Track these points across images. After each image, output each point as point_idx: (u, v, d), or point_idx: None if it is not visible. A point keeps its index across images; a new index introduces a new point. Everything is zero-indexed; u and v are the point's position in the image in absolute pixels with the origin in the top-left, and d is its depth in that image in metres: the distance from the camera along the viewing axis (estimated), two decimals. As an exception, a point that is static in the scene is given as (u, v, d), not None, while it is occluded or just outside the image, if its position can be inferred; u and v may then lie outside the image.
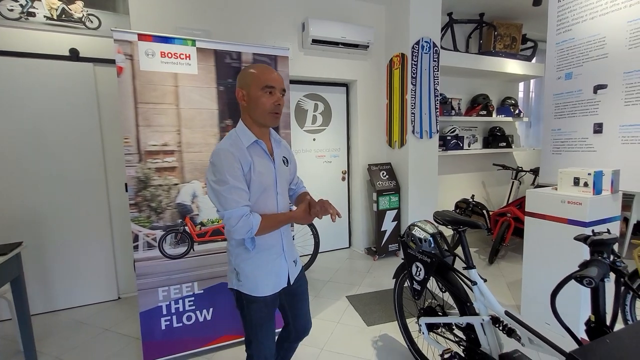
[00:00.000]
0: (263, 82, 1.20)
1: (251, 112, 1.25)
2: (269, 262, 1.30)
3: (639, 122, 2.15)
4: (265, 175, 1.26)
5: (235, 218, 1.14)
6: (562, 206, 2.14)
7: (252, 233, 1.17)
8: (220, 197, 1.17)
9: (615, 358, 0.90)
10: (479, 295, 1.51)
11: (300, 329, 1.51)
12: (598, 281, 0.97)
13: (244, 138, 1.24)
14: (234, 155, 1.18)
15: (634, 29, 2.14)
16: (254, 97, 1.21)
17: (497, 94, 4.99)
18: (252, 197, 1.23)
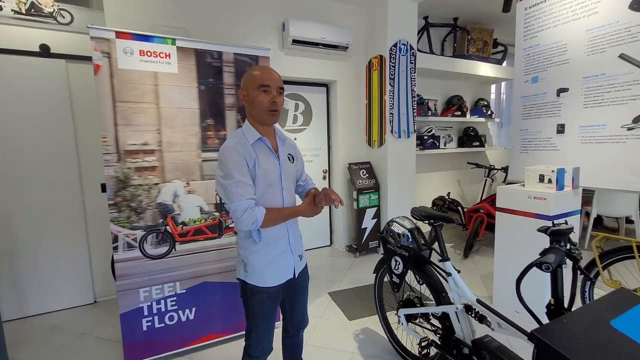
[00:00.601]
0: (259, 81, 1.27)
1: (251, 111, 1.32)
2: (275, 255, 1.36)
3: (596, 123, 2.33)
4: (270, 171, 1.31)
5: (241, 210, 1.20)
6: (528, 201, 2.29)
7: (257, 225, 1.23)
8: (227, 191, 1.23)
9: (570, 334, 1.00)
10: (453, 285, 1.61)
11: (296, 321, 1.56)
12: (555, 266, 1.07)
13: (249, 136, 1.31)
14: (239, 152, 1.24)
15: (591, 37, 2.32)
16: (252, 96, 1.29)
17: (470, 95, 5.20)
18: (257, 192, 1.29)
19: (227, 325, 2.20)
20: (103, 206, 2.77)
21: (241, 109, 2.16)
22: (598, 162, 2.35)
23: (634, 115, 2.14)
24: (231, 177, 1.22)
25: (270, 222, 1.27)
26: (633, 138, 2.15)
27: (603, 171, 2.33)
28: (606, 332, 1.00)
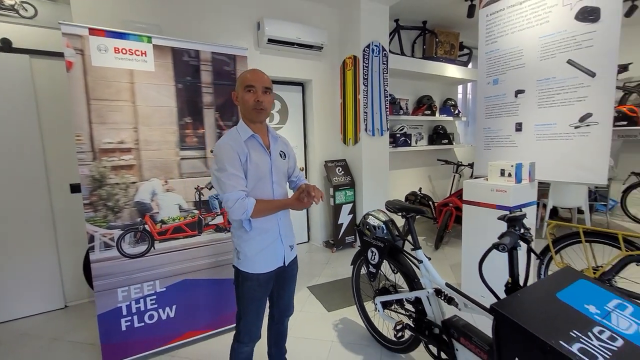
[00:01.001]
0: (245, 82, 1.38)
1: (242, 109, 1.44)
2: (266, 244, 1.44)
3: (549, 122, 2.57)
4: (261, 166, 1.41)
5: (232, 200, 1.30)
6: (491, 194, 2.49)
7: (247, 215, 1.32)
8: (220, 182, 1.33)
9: (522, 305, 1.14)
10: (425, 271, 1.74)
11: (282, 308, 1.64)
12: (509, 247, 1.22)
13: (242, 133, 1.41)
14: (232, 147, 1.34)
15: (543, 44, 2.55)
16: (241, 96, 1.40)
17: (439, 95, 5.46)
18: (249, 184, 1.38)
19: (209, 321, 2.22)
20: (72, 207, 2.72)
21: (220, 107, 2.18)
22: (551, 157, 2.59)
23: (580, 115, 2.38)
24: (225, 170, 1.31)
25: (260, 213, 1.36)
26: (579, 135, 2.40)
27: (555, 165, 2.57)
28: (552, 303, 1.16)
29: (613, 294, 1.22)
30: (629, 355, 0.95)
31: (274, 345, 1.74)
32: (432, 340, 1.69)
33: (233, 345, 1.52)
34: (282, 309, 1.66)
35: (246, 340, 1.49)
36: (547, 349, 0.98)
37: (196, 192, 2.14)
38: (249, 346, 1.51)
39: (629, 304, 1.18)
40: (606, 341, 0.99)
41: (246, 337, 1.48)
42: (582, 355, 0.93)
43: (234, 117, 2.24)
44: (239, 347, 1.50)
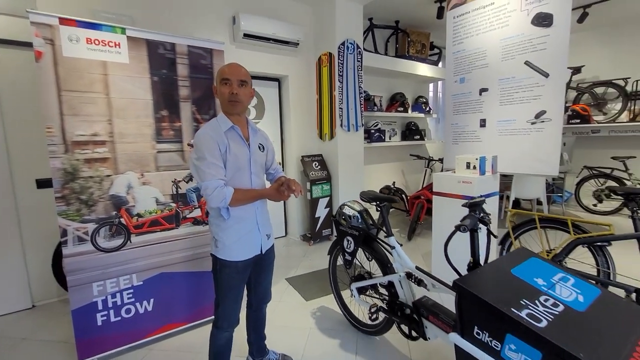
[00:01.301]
0: (221, 75, 1.43)
1: (220, 102, 1.48)
2: (243, 233, 1.49)
3: (509, 118, 2.77)
4: (240, 157, 1.45)
5: (211, 188, 1.34)
6: (458, 185, 2.65)
7: (225, 203, 1.36)
8: (199, 171, 1.37)
9: (481, 280, 1.27)
10: (397, 257, 1.85)
11: (260, 295, 1.70)
12: (470, 228, 1.35)
13: (222, 124, 1.44)
14: (212, 137, 1.38)
15: (505, 46, 2.74)
16: (218, 89, 1.45)
17: (411, 92, 5.67)
18: (228, 174, 1.42)
19: (187, 314, 2.23)
20: (39, 204, 2.61)
21: (197, 100, 2.19)
22: (511, 151, 2.80)
23: (536, 112, 2.60)
24: (204, 159, 1.35)
25: (238, 202, 1.41)
26: (535, 131, 2.62)
27: (515, 158, 2.78)
28: (507, 277, 1.30)
29: (558, 269, 1.39)
30: (566, 317, 1.10)
31: (253, 332, 1.80)
32: (404, 320, 1.81)
33: (212, 331, 1.56)
34: (260, 297, 1.72)
35: (225, 326, 1.53)
36: (500, 316, 1.11)
37: (173, 185, 2.14)
38: (228, 331, 1.55)
39: (571, 277, 1.34)
40: (550, 307, 1.14)
41: (225, 322, 1.52)
42: (529, 319, 1.07)
43: (211, 110, 2.25)
44: (218, 333, 1.55)
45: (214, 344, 1.57)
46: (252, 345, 1.83)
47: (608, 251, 2.15)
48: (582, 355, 0.94)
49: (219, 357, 1.59)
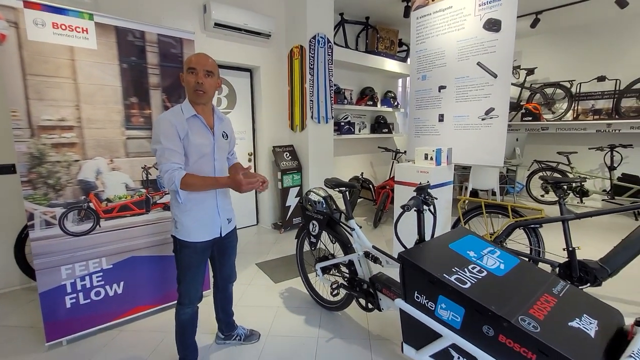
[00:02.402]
0: (188, 64, 1.48)
1: (186, 90, 1.53)
2: (203, 215, 1.56)
3: (463, 114, 3.03)
4: (203, 145, 1.52)
5: (163, 172, 1.42)
6: (417, 174, 2.89)
7: (175, 186, 1.41)
8: (156, 154, 1.44)
9: (422, 252, 1.48)
10: (356, 237, 2.04)
11: (225, 276, 1.81)
12: (413, 208, 1.55)
13: (185, 111, 1.50)
14: (171, 122, 1.43)
15: (460, 47, 2.98)
16: (184, 78, 1.50)
17: (380, 87, 5.89)
18: (191, 160, 1.50)
19: (156, 296, 2.31)
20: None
21: (167, 88, 2.23)
22: (465, 144, 3.07)
23: (485, 109, 2.87)
24: (159, 143, 1.42)
25: (190, 187, 1.44)
26: (485, 126, 2.89)
27: (467, 151, 3.06)
28: (444, 250, 1.51)
29: (489, 244, 1.62)
30: (487, 280, 1.32)
31: (220, 311, 1.92)
32: (362, 294, 2.00)
33: (176, 307, 1.65)
34: (225, 277, 1.83)
35: (187, 302, 1.62)
36: (434, 280, 1.31)
37: (143, 171, 2.19)
38: (190, 307, 1.64)
39: (498, 250, 1.58)
40: (475, 273, 1.36)
41: (186, 299, 1.61)
42: (456, 282, 1.28)
43: (182, 98, 2.30)
44: (181, 309, 1.64)
45: (178, 319, 1.66)
46: (220, 322, 1.95)
47: (539, 232, 2.46)
48: (494, 307, 1.16)
49: (183, 330, 1.68)
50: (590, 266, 2.13)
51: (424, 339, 1.41)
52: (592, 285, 2.13)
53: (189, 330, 1.70)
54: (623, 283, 2.34)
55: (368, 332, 2.11)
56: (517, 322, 1.11)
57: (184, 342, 1.70)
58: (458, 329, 1.27)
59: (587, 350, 1.04)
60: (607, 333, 1.13)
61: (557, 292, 1.32)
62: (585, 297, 1.34)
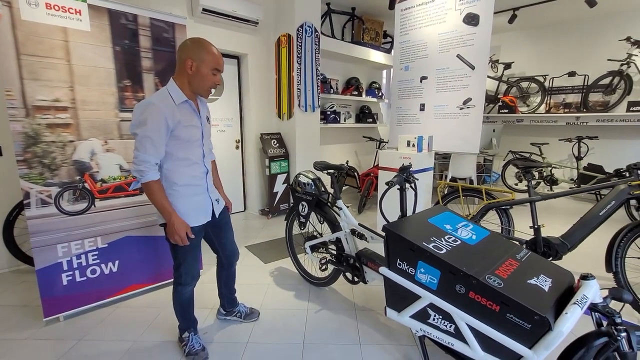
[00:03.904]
0: (215, 65, 1.47)
1: (192, 81, 1.47)
2: (194, 199, 1.59)
3: (443, 103, 3.21)
4: (193, 131, 1.51)
5: (139, 161, 1.39)
6: (399, 160, 3.06)
7: (139, 180, 1.41)
8: (136, 138, 1.40)
9: (404, 226, 1.63)
10: (343, 216, 2.18)
11: (228, 254, 1.89)
12: (395, 185, 1.70)
13: (175, 96, 1.44)
14: (160, 111, 1.37)
15: (441, 40, 3.14)
16: (203, 73, 1.45)
17: (366, 78, 6.01)
18: (181, 147, 1.48)
19: (150, 275, 2.38)
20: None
21: (159, 72, 2.27)
22: (444, 132, 3.26)
23: (463, 99, 3.05)
24: (142, 128, 1.36)
25: (150, 193, 1.43)
26: (462, 115, 3.08)
27: (446, 138, 3.25)
28: (424, 224, 1.67)
29: (463, 219, 1.80)
30: (460, 247, 1.49)
31: (224, 287, 2.01)
32: (348, 268, 2.16)
33: (176, 289, 1.68)
34: (228, 255, 1.91)
35: (189, 281, 1.66)
36: (414, 248, 1.47)
37: (137, 153, 2.23)
38: (191, 285, 1.70)
39: (471, 224, 1.76)
40: (450, 242, 1.53)
41: (188, 278, 1.65)
42: (433, 248, 1.44)
43: (174, 83, 2.35)
44: (183, 289, 1.67)
45: (180, 299, 1.70)
46: (223, 297, 2.04)
47: (510, 213, 2.68)
48: (465, 268, 1.33)
49: (186, 308, 1.74)
50: (553, 242, 2.36)
51: (405, 302, 1.58)
52: (554, 259, 2.37)
53: (190, 306, 1.76)
54: (580, 257, 2.61)
55: (354, 304, 2.28)
56: (484, 279, 1.28)
57: (186, 316, 1.77)
58: (434, 290, 1.44)
59: (540, 301, 1.22)
60: (559, 288, 1.32)
61: (520, 257, 1.51)
62: (544, 261, 1.53)
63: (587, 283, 1.26)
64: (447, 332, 1.46)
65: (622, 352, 1.10)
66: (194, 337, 1.77)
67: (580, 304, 1.18)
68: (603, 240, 2.25)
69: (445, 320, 1.45)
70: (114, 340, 1.89)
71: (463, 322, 1.37)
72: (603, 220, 2.24)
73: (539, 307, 1.18)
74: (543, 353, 1.17)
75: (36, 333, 1.94)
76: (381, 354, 1.79)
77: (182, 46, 1.46)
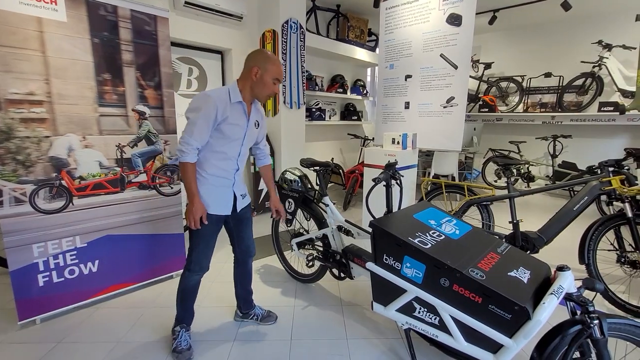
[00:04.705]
0: (276, 75, 1.61)
1: (255, 87, 1.61)
2: (218, 190, 1.66)
3: (427, 102, 3.27)
4: (237, 131, 1.62)
5: (184, 142, 1.51)
6: (384, 157, 3.09)
7: (179, 159, 1.53)
8: (188, 120, 1.52)
9: (390, 221, 1.66)
10: (330, 213, 2.19)
11: (243, 249, 1.90)
12: (382, 181, 1.73)
13: (233, 95, 1.57)
14: (215, 104, 1.50)
15: (425, 39, 3.19)
16: (265, 81, 1.59)
17: (350, 75, 6.04)
18: (221, 142, 1.59)
19: (133, 275, 2.33)
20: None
21: (141, 66, 2.21)
22: (428, 130, 3.32)
23: (446, 97, 3.12)
24: (195, 114, 1.49)
25: (183, 173, 1.55)
26: (446, 113, 3.15)
27: (430, 136, 3.31)
28: (409, 219, 1.71)
29: (447, 215, 1.85)
30: (444, 242, 1.53)
31: (239, 286, 2.00)
32: (335, 264, 2.17)
33: (184, 273, 1.73)
34: (244, 250, 1.91)
35: (197, 269, 1.71)
36: (400, 243, 1.50)
37: (118, 149, 2.17)
38: (198, 275, 1.74)
39: (454, 219, 1.81)
40: (435, 237, 1.56)
41: (197, 266, 1.70)
42: (419, 243, 1.47)
43: (156, 77, 2.29)
44: (189, 275, 1.72)
45: (183, 283, 1.74)
46: (239, 298, 2.03)
47: (490, 209, 2.77)
48: (449, 262, 1.37)
49: (187, 295, 1.77)
50: (530, 236, 2.46)
51: (391, 296, 1.61)
52: (531, 252, 2.47)
53: (192, 296, 1.79)
54: (555, 250, 2.72)
55: (340, 300, 2.30)
56: (467, 272, 1.33)
57: (184, 306, 1.79)
58: (420, 284, 1.47)
59: (520, 292, 1.28)
60: (537, 280, 1.38)
61: (500, 251, 1.56)
62: (523, 254, 1.60)
63: (563, 274, 1.32)
64: (431, 324, 1.50)
65: (595, 338, 1.16)
66: (184, 333, 1.77)
67: (556, 294, 1.23)
68: (576, 234, 2.36)
69: (430, 313, 1.49)
70: (95, 342, 1.83)
71: (447, 314, 1.42)
72: (577, 215, 2.35)
73: (518, 298, 1.23)
74: (522, 341, 1.22)
75: (10, 337, 1.86)
76: (368, 348, 1.82)
77: (251, 55, 1.62)
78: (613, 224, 2.20)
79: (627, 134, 5.10)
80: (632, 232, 2.11)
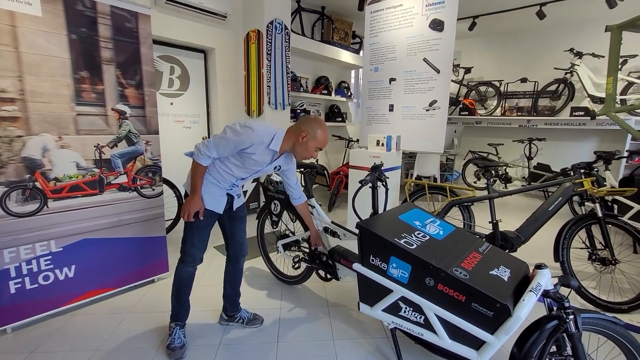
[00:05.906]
0: (321, 145, 1.69)
1: (297, 146, 1.68)
2: (216, 191, 1.73)
3: (410, 105, 3.33)
4: (255, 165, 1.68)
5: (205, 146, 1.59)
6: (369, 159, 3.13)
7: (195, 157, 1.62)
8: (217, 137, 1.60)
9: (376, 222, 1.68)
10: (316, 214, 2.20)
11: (236, 246, 1.92)
12: (369, 182, 1.75)
13: (274, 143, 1.63)
14: (252, 140, 1.56)
15: (409, 43, 3.25)
16: (309, 146, 1.67)
17: (335, 77, 6.07)
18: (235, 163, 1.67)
19: (112, 279, 2.25)
20: None
21: (121, 64, 2.13)
22: (411, 132, 3.38)
23: (429, 101, 3.19)
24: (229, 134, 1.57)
25: (193, 169, 1.65)
26: (428, 116, 3.22)
27: (413, 138, 3.38)
28: (394, 220, 1.73)
29: (431, 216, 1.89)
30: (429, 242, 1.57)
31: (229, 285, 1.99)
32: (321, 265, 2.18)
33: (178, 265, 1.77)
34: (237, 247, 1.93)
35: (189, 261, 1.73)
36: (386, 244, 1.52)
37: (96, 150, 2.09)
38: (191, 266, 1.76)
39: (438, 220, 1.85)
40: (420, 237, 1.60)
41: (189, 258, 1.73)
42: (404, 244, 1.50)
43: (137, 76, 2.22)
44: (183, 267, 1.75)
45: (177, 276, 1.77)
46: (226, 298, 2.00)
47: (471, 210, 2.85)
48: (434, 262, 1.40)
49: (181, 287, 1.79)
50: (509, 235, 2.55)
51: (377, 296, 1.63)
52: (510, 251, 2.55)
53: (187, 289, 1.81)
54: (532, 249, 2.83)
55: (326, 301, 2.31)
56: (452, 272, 1.36)
57: (179, 299, 1.80)
58: (406, 284, 1.50)
59: (501, 290, 1.32)
60: (516, 278, 1.43)
61: (482, 250, 1.61)
62: (503, 254, 1.65)
63: (541, 272, 1.37)
64: (417, 323, 1.53)
65: (570, 332, 1.22)
66: (178, 331, 1.79)
67: (535, 291, 1.29)
68: (551, 233, 2.46)
69: (415, 312, 1.52)
70: (72, 351, 1.76)
71: (432, 313, 1.45)
72: (552, 215, 2.45)
73: (500, 296, 1.28)
74: (503, 337, 1.26)
75: (-21, 348, 1.76)
76: (354, 348, 1.83)
77: (306, 119, 1.70)
78: (585, 223, 2.31)
79: (597, 137, 5.38)
80: (602, 231, 2.23)
